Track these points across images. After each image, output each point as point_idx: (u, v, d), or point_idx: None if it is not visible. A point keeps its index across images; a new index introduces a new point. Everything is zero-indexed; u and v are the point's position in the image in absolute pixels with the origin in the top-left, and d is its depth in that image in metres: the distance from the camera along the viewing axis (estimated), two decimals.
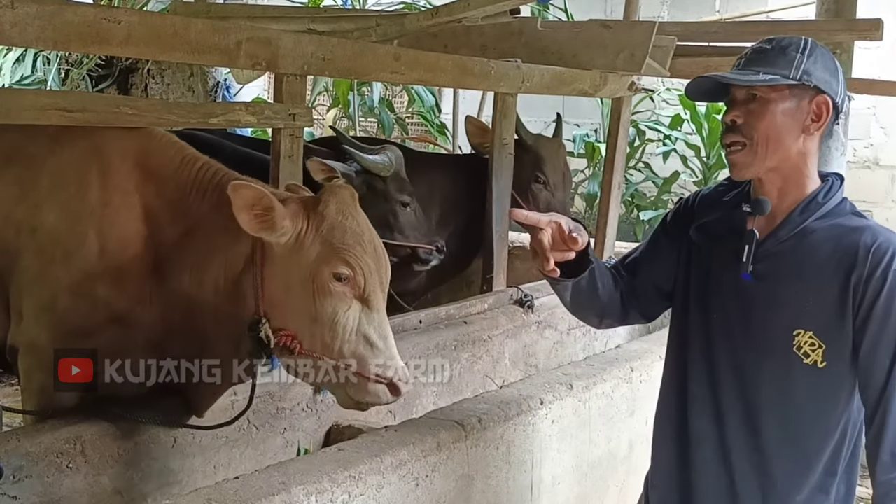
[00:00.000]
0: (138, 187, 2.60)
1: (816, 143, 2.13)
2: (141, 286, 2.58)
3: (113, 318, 2.57)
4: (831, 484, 2.16)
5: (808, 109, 2.08)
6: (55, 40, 2.38)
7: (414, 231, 4.03)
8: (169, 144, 2.72)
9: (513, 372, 4.00)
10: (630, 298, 2.42)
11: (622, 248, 5.49)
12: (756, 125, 2.09)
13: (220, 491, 2.08)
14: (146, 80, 7.67)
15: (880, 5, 6.00)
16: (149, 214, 2.60)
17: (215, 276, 2.50)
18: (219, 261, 2.50)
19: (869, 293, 2.02)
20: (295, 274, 2.41)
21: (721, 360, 2.21)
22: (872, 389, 2.06)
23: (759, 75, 2.06)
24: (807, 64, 2.07)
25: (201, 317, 2.55)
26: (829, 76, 2.09)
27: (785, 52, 2.08)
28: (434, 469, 2.47)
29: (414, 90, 8.33)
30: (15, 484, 2.32)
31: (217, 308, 2.51)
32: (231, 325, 2.49)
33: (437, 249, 4.07)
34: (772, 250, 2.15)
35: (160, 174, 2.64)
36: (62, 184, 2.58)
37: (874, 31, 4.53)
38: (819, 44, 2.13)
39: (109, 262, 2.55)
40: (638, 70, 4.26)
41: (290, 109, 3.02)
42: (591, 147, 8.88)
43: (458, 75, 3.85)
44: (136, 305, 2.58)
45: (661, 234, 2.47)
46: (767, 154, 2.09)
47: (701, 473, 2.26)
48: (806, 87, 2.07)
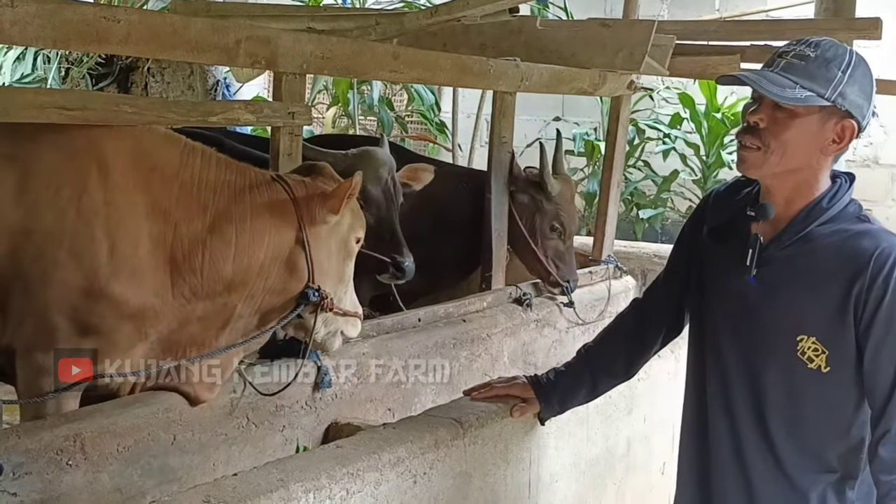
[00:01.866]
0: (138, 185, 2.60)
1: (831, 160, 2.12)
2: (157, 281, 2.60)
3: (129, 314, 2.58)
4: (851, 486, 2.16)
5: (832, 130, 2.06)
6: (55, 39, 2.38)
7: (370, 238, 3.44)
8: (166, 142, 2.72)
9: (511, 370, 4.00)
10: (652, 325, 2.57)
11: (621, 246, 5.51)
12: (778, 135, 2.06)
13: (219, 488, 2.08)
14: (146, 78, 7.66)
15: (879, 4, 6.00)
16: (155, 211, 2.60)
17: (262, 259, 2.69)
18: (266, 245, 2.69)
19: (872, 299, 2.02)
20: (335, 244, 2.80)
21: (731, 362, 2.23)
22: (878, 394, 2.06)
23: (797, 90, 2.01)
24: (845, 86, 2.03)
25: (238, 298, 2.71)
26: (863, 99, 2.06)
27: (828, 67, 2.04)
28: (432, 466, 2.47)
29: (413, 88, 8.33)
30: (15, 481, 2.32)
31: (258, 288, 2.71)
32: (275, 299, 2.74)
33: (393, 265, 3.62)
34: (775, 255, 2.15)
35: (161, 172, 2.64)
36: (59, 185, 2.55)
37: (873, 30, 4.53)
38: (862, 60, 2.08)
39: (121, 261, 2.55)
40: (637, 69, 4.27)
41: (290, 108, 3.03)
42: (591, 145, 8.88)
43: (457, 74, 3.85)
44: (155, 299, 2.60)
45: (676, 247, 2.52)
46: (780, 164, 2.08)
47: (719, 473, 2.28)
48: (837, 109, 2.04)
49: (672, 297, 2.49)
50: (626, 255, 5.37)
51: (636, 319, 2.61)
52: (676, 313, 2.50)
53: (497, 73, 3.92)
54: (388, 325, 3.61)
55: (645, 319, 2.58)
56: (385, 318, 3.66)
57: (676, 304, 2.48)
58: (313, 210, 2.71)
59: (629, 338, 2.61)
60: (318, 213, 2.72)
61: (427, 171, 4.01)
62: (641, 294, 2.71)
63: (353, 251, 2.88)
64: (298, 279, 2.72)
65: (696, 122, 8.75)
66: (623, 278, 5.09)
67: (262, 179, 2.74)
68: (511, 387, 2.75)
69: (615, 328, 2.68)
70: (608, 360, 2.64)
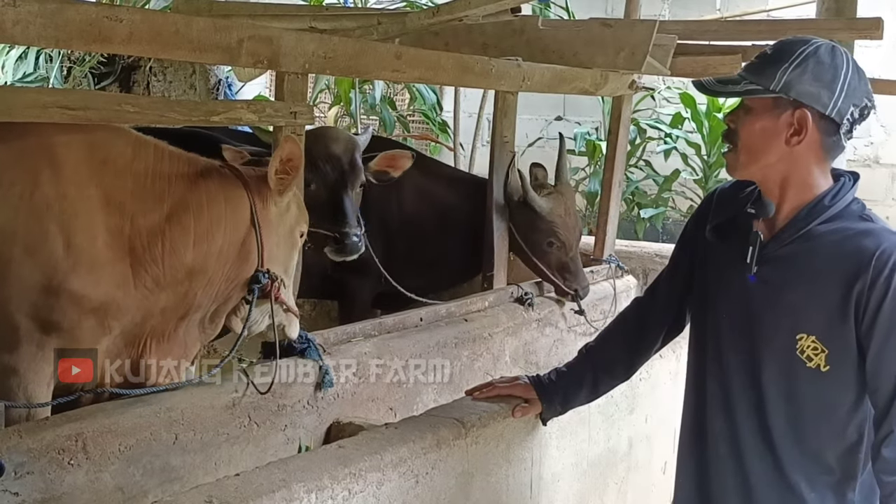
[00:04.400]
0: (91, 179, 2.60)
1: (813, 153, 2.10)
2: (118, 273, 2.61)
3: (91, 308, 2.58)
4: (851, 486, 2.16)
5: (787, 122, 2.07)
6: (57, 38, 2.38)
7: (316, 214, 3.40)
8: (118, 135, 2.73)
9: (513, 370, 4.00)
10: (654, 324, 2.57)
11: (623, 246, 5.50)
12: (740, 133, 2.13)
13: (221, 488, 2.08)
14: (148, 77, 7.66)
15: (881, 4, 6.01)
16: (110, 204, 2.61)
17: (220, 244, 2.73)
18: (223, 230, 2.73)
19: (873, 299, 2.01)
20: (282, 231, 2.86)
21: (731, 359, 2.23)
22: (881, 395, 2.06)
23: (741, 84, 2.09)
24: (791, 75, 2.05)
25: (199, 285, 2.75)
26: (819, 88, 2.05)
27: (777, 62, 2.07)
28: (434, 466, 2.48)
29: (415, 88, 8.32)
30: (17, 480, 2.32)
31: (217, 275, 2.76)
32: (231, 286, 2.79)
33: (334, 238, 3.57)
34: (775, 253, 2.15)
35: (114, 165, 2.65)
36: (11, 182, 2.53)
37: (874, 29, 4.53)
38: (826, 51, 2.07)
39: (79, 255, 2.55)
40: (638, 68, 4.26)
41: (292, 107, 3.02)
42: (592, 145, 8.88)
43: (458, 73, 3.85)
44: (117, 292, 2.61)
45: (679, 245, 2.52)
46: (749, 161, 2.14)
47: (717, 471, 2.28)
48: (787, 99, 2.06)
49: (674, 296, 2.49)
50: (627, 254, 5.37)
51: (637, 319, 2.62)
52: (678, 312, 2.51)
53: (499, 73, 3.92)
54: (390, 324, 3.61)
55: (646, 319, 2.58)
56: (387, 318, 3.67)
57: (678, 302, 2.49)
58: (264, 193, 2.78)
59: (630, 337, 2.62)
60: (268, 195, 2.78)
61: (405, 158, 4.00)
62: (643, 293, 2.72)
63: (297, 243, 2.96)
64: (251, 263, 2.76)
65: (698, 121, 8.74)
66: (624, 278, 5.09)
67: (212, 167, 2.81)
68: (513, 387, 2.75)
69: (616, 328, 2.68)
70: (609, 359, 2.65)
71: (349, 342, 3.34)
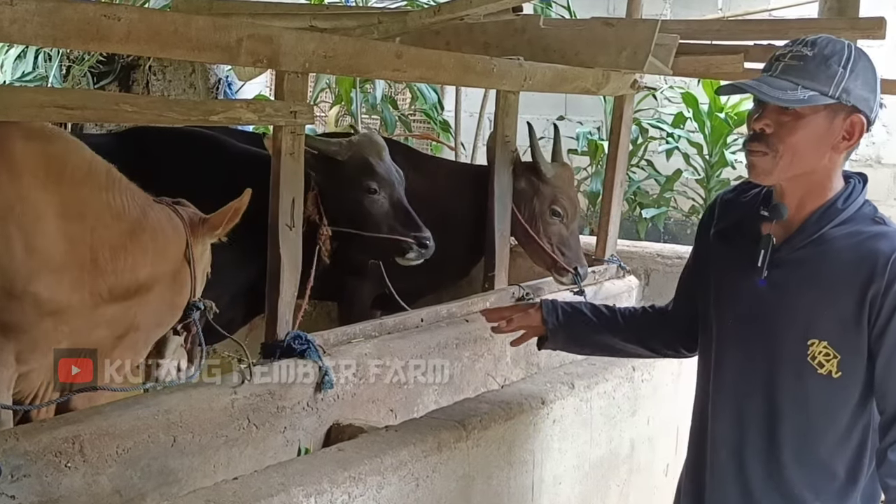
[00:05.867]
0: (49, 186, 2.60)
1: (843, 157, 2.08)
2: (75, 279, 2.62)
3: (49, 311, 2.59)
4: (853, 491, 2.14)
5: (841, 127, 2.02)
6: (54, 37, 2.36)
7: (386, 221, 3.67)
8: (76, 148, 2.76)
9: (514, 371, 3.99)
10: (672, 324, 2.53)
11: (625, 246, 5.49)
12: (785, 138, 2.03)
13: (219, 492, 2.07)
14: (147, 76, 7.65)
15: (883, 4, 5.99)
16: (69, 212, 2.62)
17: (166, 269, 2.86)
18: (171, 257, 2.87)
19: (887, 304, 1.99)
20: (201, 268, 2.98)
21: (739, 365, 2.21)
22: (889, 400, 2.04)
23: (798, 91, 1.98)
24: (848, 81, 2.00)
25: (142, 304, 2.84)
26: (868, 92, 2.02)
27: (827, 64, 2.00)
28: (435, 469, 2.46)
29: (416, 87, 8.31)
30: (13, 483, 2.30)
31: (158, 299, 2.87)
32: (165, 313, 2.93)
33: (417, 243, 3.65)
34: (787, 257, 2.11)
35: (72, 175, 2.67)
36: None
37: (877, 29, 4.50)
38: (862, 52, 2.05)
39: (39, 258, 2.55)
40: (640, 68, 4.25)
41: (292, 107, 3.01)
42: (594, 145, 8.86)
43: (460, 73, 3.83)
44: (73, 296, 2.62)
45: (692, 255, 2.49)
46: (791, 167, 2.05)
47: (715, 476, 2.25)
48: (843, 105, 2.01)
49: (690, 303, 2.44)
50: (629, 254, 5.35)
51: (660, 321, 2.58)
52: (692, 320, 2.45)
53: (500, 72, 3.90)
54: (391, 325, 3.59)
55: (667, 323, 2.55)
56: (387, 319, 3.66)
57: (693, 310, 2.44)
58: (196, 231, 2.92)
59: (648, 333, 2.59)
60: (199, 234, 2.92)
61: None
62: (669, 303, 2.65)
63: (203, 281, 3.07)
64: (185, 295, 2.92)
65: (700, 121, 8.72)
66: (626, 278, 5.07)
67: (156, 200, 2.91)
68: (525, 316, 2.70)
69: (641, 314, 2.63)
70: (625, 336, 2.60)
71: (349, 343, 3.32)
